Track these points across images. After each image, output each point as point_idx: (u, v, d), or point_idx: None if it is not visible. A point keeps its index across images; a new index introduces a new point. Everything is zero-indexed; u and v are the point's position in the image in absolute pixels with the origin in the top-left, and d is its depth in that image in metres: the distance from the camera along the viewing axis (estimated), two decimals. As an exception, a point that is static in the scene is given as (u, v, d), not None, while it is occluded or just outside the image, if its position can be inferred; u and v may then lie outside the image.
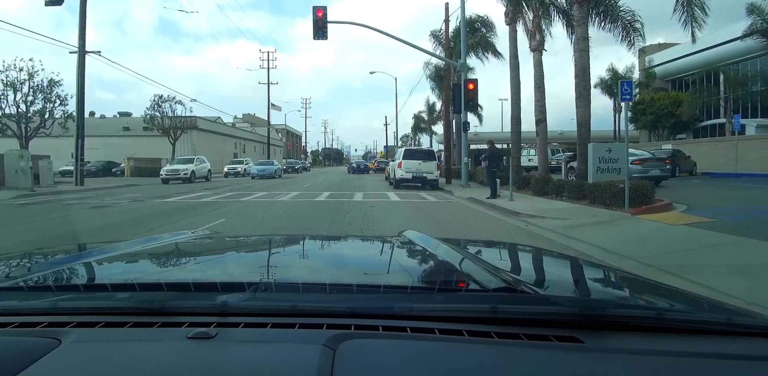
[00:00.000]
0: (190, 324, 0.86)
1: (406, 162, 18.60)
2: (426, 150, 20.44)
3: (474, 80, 17.88)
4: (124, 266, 1.50)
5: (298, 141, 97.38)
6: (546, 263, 1.73)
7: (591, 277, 1.51)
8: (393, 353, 0.77)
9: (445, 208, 11.96)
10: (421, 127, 60.00)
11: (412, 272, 1.42)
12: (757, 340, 0.89)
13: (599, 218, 9.05)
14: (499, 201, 12.20)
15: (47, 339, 0.81)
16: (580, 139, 12.41)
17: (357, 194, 15.87)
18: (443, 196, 15.63)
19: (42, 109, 24.00)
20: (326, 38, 16.46)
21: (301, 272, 1.42)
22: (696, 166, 24.73)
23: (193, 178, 25.93)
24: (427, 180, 18.54)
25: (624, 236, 7.35)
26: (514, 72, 17.28)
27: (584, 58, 12.27)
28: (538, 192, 13.61)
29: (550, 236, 7.71)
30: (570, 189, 11.80)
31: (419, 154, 19.18)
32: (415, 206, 12.36)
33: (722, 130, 32.53)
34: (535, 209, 10.53)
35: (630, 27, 13.41)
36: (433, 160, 18.86)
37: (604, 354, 0.81)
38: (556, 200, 12.32)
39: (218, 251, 1.84)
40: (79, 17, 22.89)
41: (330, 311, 0.93)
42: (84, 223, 9.27)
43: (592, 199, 10.73)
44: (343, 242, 2.25)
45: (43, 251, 1.82)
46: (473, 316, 0.91)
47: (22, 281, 1.16)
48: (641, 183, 10.06)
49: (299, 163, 49.96)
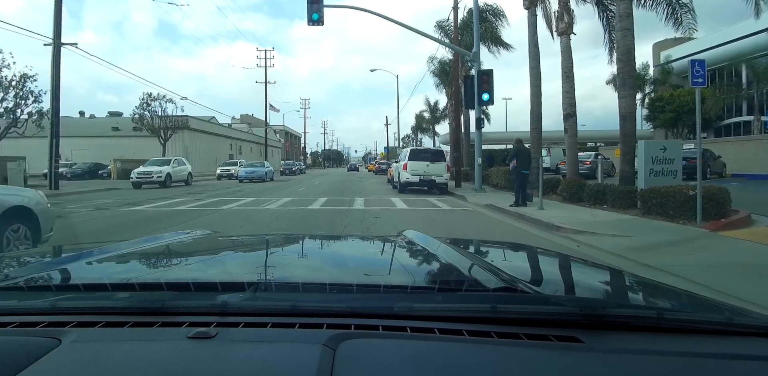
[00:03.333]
0: (190, 324, 0.85)
1: (413, 164, 16.58)
2: (434, 150, 18.32)
3: (488, 71, 15.87)
4: (124, 266, 1.48)
5: (298, 142, 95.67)
6: (546, 262, 1.74)
7: (591, 277, 1.51)
8: (393, 352, 0.77)
9: (463, 219, 9.94)
10: (423, 128, 57.76)
11: (412, 271, 1.39)
12: (757, 340, 0.89)
13: (669, 235, 7.03)
14: (528, 210, 10.19)
15: (47, 339, 0.80)
16: (624, 135, 10.40)
17: (357, 201, 13.85)
18: (456, 202, 13.59)
19: (13, 106, 21.92)
20: (322, 24, 14.50)
21: (301, 271, 1.42)
22: (725, 167, 22.74)
23: (169, 182, 23.02)
24: (435, 184, 16.51)
25: (726, 265, 5.34)
26: (534, 61, 15.28)
27: (628, 38, 10.27)
28: (569, 198, 11.60)
29: (616, 261, 5.67)
30: (615, 196, 9.77)
31: (427, 154, 17.12)
32: (427, 216, 10.33)
33: (747, 129, 30.51)
34: (576, 221, 8.52)
35: (676, 3, 11.38)
36: (443, 162, 16.83)
37: (604, 354, 0.81)
38: (594, 208, 10.31)
39: (218, 250, 1.83)
40: (54, 5, 20.90)
41: (330, 311, 0.93)
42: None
43: (646, 208, 8.72)
44: (343, 242, 2.23)
45: (43, 251, 1.94)
46: (473, 316, 0.90)
47: (22, 281, 1.16)
48: (716, 189, 8.03)
49: (297, 165, 47.63)
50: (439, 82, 30.22)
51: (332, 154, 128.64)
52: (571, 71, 13.11)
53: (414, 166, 16.50)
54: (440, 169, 16.59)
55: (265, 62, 52.30)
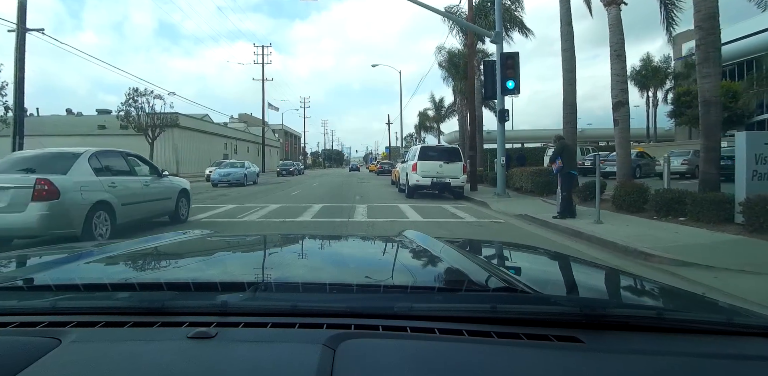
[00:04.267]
0: (190, 324, 0.85)
1: (423, 164, 14.17)
2: (449, 148, 15.55)
3: (513, 54, 13.48)
4: (124, 266, 1.48)
5: (297, 142, 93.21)
6: (546, 262, 1.74)
7: (591, 277, 1.50)
8: (393, 352, 0.76)
9: (499, 237, 7.51)
10: (426, 126, 55.13)
11: (412, 271, 1.40)
12: (757, 340, 0.89)
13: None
14: (581, 224, 7.80)
15: (47, 339, 0.80)
16: (707, 127, 7.98)
17: (359, 209, 11.44)
18: (480, 211, 11.17)
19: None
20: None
21: (301, 271, 1.40)
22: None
23: None
24: (450, 187, 14.13)
25: None
26: (568, 43, 12.89)
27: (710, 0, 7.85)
28: (624, 207, 9.21)
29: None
30: (701, 206, 7.35)
31: (440, 153, 14.68)
32: (451, 232, 7.91)
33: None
34: (660, 242, 6.14)
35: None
36: (459, 161, 14.40)
37: (604, 354, 0.80)
38: (666, 221, 7.92)
39: (218, 250, 1.83)
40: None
41: (330, 311, 0.92)
42: None
43: (755, 225, 6.33)
44: (343, 242, 2.18)
45: (43, 251, 1.80)
46: (473, 316, 0.90)
47: (22, 281, 1.16)
48: None
49: (294, 165, 44.94)
50: (447, 76, 27.80)
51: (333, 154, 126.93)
52: (622, 49, 10.67)
53: (425, 167, 14.10)
54: (456, 170, 14.19)
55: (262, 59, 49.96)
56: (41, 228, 5.75)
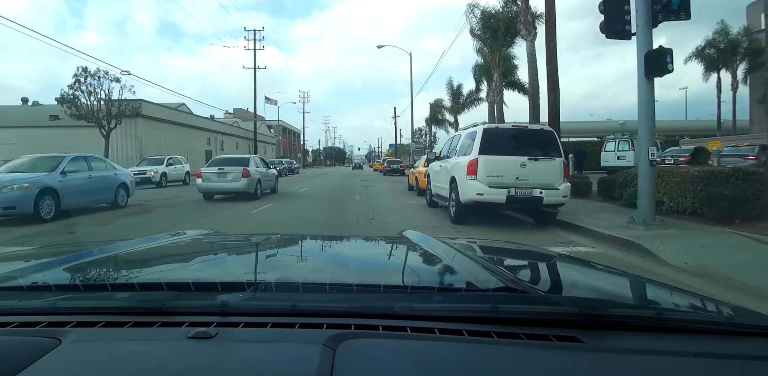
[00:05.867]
0: (190, 324, 0.84)
1: (490, 161, 7.55)
2: (537, 130, 7.99)
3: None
4: (124, 266, 1.47)
5: (297, 139, 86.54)
6: (546, 262, 1.71)
7: (591, 277, 1.48)
8: (393, 352, 0.76)
9: None
10: (439, 120, 48.15)
11: (412, 271, 1.37)
12: (757, 340, 0.88)
13: None
14: None
15: (47, 339, 0.80)
16: None
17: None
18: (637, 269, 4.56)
19: None
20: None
21: (301, 271, 1.39)
22: None
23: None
24: (543, 203, 7.53)
25: None
26: None
27: None
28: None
29: None
30: None
31: (520, 140, 7.88)
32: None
33: None
34: None
35: None
36: (556, 156, 7.78)
37: (604, 354, 0.80)
38: None
39: (218, 250, 1.81)
40: None
41: (330, 311, 0.92)
42: None
43: None
44: (343, 242, 2.15)
45: (43, 251, 1.79)
46: (473, 316, 0.89)
47: (22, 281, 1.14)
48: None
49: (284, 164, 37.31)
50: (481, 46, 21.13)
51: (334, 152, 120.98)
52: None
53: (494, 167, 7.51)
54: (550, 173, 7.59)
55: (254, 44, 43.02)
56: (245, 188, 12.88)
